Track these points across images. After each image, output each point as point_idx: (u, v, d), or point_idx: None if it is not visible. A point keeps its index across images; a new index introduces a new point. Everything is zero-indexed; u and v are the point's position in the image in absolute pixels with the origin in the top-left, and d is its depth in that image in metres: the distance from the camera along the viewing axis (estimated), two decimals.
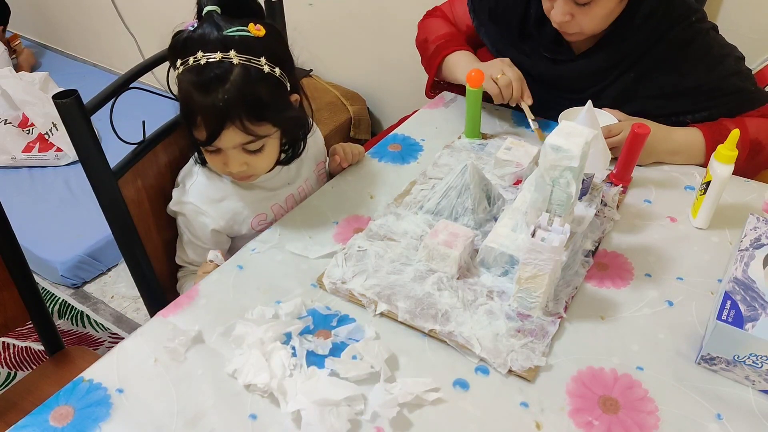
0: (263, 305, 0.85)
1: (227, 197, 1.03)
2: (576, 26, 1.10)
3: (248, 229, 1.06)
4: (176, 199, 1.04)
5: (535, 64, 1.21)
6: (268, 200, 1.07)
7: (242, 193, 1.04)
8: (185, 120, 0.94)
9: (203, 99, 0.88)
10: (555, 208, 0.83)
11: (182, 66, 0.90)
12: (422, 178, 1.10)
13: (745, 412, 0.73)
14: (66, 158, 2.28)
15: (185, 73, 0.90)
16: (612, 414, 0.73)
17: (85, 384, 0.77)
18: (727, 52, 1.14)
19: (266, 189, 1.06)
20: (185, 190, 1.04)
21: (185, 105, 0.92)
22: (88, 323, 1.83)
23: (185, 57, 0.89)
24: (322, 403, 0.72)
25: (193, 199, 1.02)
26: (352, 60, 2.21)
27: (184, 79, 0.90)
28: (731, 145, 0.93)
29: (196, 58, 0.88)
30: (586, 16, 1.07)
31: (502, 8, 1.25)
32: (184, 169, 1.07)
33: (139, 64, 1.00)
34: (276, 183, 1.07)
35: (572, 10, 1.07)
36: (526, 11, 1.21)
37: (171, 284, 1.11)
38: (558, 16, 1.08)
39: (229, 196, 1.04)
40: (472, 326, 0.82)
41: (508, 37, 1.23)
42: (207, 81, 0.87)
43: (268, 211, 1.07)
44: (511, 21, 1.23)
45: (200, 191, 1.03)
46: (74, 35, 3.11)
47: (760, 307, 0.75)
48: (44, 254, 1.91)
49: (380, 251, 0.93)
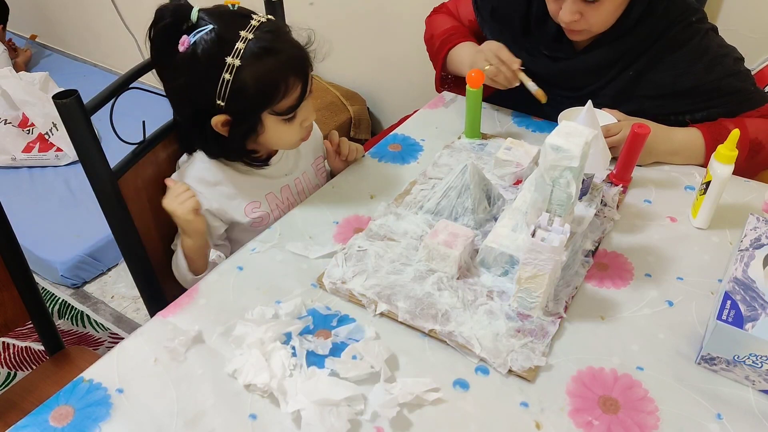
0: (263, 305, 0.85)
1: (222, 182, 1.05)
2: (584, 24, 1.10)
3: (242, 215, 1.06)
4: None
5: (535, 62, 1.21)
6: (264, 188, 1.08)
7: (238, 179, 1.06)
8: (264, 102, 0.93)
9: (285, 57, 0.92)
10: (555, 208, 0.83)
11: (239, 54, 0.89)
12: (422, 178, 1.10)
13: (745, 412, 0.73)
14: (66, 158, 2.28)
15: (249, 54, 0.89)
16: (612, 414, 0.73)
17: (85, 384, 0.77)
18: (726, 52, 1.14)
19: (263, 177, 1.08)
20: (183, 173, 1.05)
21: (266, 81, 0.91)
22: (88, 323, 1.83)
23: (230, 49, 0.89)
24: (322, 403, 0.72)
25: (189, 180, 1.03)
26: (352, 60, 2.21)
27: (253, 58, 0.89)
28: (731, 145, 0.93)
29: (249, 31, 0.89)
30: (595, 12, 1.08)
31: (504, 6, 1.25)
32: (178, 162, 1.08)
33: (139, 64, 1.00)
34: (273, 172, 1.09)
35: (581, 9, 1.08)
36: (528, 9, 1.21)
37: (171, 284, 1.11)
38: (567, 15, 1.09)
39: (224, 181, 1.05)
40: (472, 326, 0.82)
41: (510, 34, 1.24)
42: (279, 39, 0.92)
43: (263, 200, 1.08)
44: (513, 19, 1.24)
45: (196, 174, 1.04)
46: (74, 35, 3.11)
47: (760, 307, 0.75)
48: (44, 254, 1.91)
49: (380, 251, 0.93)
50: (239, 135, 0.98)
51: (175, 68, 0.93)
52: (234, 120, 0.95)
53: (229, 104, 0.93)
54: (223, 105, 0.93)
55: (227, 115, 0.94)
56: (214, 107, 0.93)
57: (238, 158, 1.04)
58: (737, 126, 1.05)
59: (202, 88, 0.92)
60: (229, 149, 1.02)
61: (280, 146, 1.05)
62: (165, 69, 0.96)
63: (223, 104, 0.93)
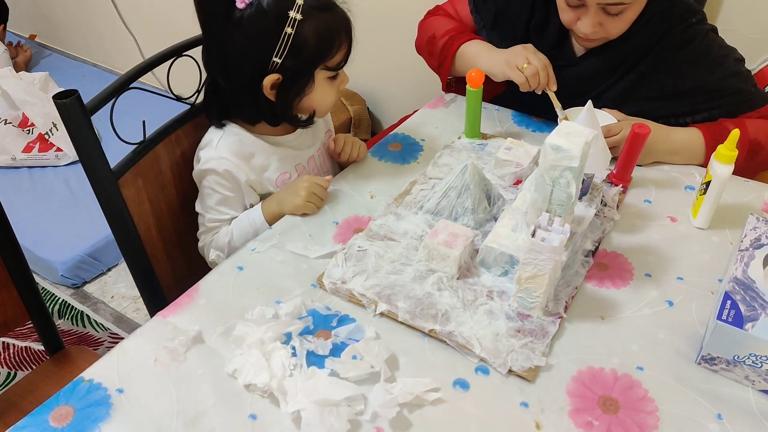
0: (263, 305, 0.85)
1: (256, 154, 1.06)
2: (603, 33, 1.10)
3: (274, 186, 1.09)
4: (206, 157, 1.04)
5: None
6: (294, 159, 1.11)
7: (269, 150, 1.08)
8: (321, 56, 0.98)
9: (338, 14, 0.98)
10: (555, 208, 0.83)
11: (299, 9, 0.92)
12: (422, 178, 1.10)
13: (745, 412, 0.73)
14: (66, 158, 2.28)
15: (309, 8, 0.93)
16: (612, 414, 0.73)
17: (85, 384, 0.77)
18: (726, 53, 1.14)
19: (291, 148, 1.10)
20: (215, 147, 1.04)
21: (325, 35, 0.96)
22: (88, 323, 1.83)
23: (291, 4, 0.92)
24: (322, 403, 0.72)
25: (226, 154, 1.04)
26: (352, 60, 2.21)
27: (313, 12, 0.94)
28: (731, 145, 0.93)
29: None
30: (616, 23, 1.08)
31: (507, 12, 1.24)
32: (205, 138, 1.08)
33: (140, 64, 1.00)
34: (299, 144, 1.12)
35: (602, 20, 1.08)
36: (531, 16, 1.21)
37: (171, 284, 1.11)
38: (588, 27, 1.08)
39: (258, 152, 1.07)
40: (472, 326, 0.82)
41: (511, 41, 1.23)
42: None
43: (292, 171, 1.11)
44: (516, 26, 1.23)
45: (230, 147, 1.04)
46: (75, 35, 3.11)
47: (760, 307, 0.75)
48: (44, 254, 1.91)
49: (380, 251, 0.93)
50: (288, 95, 1.00)
51: (233, 29, 0.94)
52: (286, 78, 0.98)
53: (286, 61, 0.95)
54: (279, 62, 0.95)
55: (279, 74, 0.97)
56: (269, 67, 0.96)
57: (284, 120, 1.05)
58: (737, 126, 1.05)
59: (262, 46, 0.95)
60: (275, 112, 1.03)
61: (320, 107, 1.06)
62: (219, 33, 0.96)
63: (279, 61, 0.95)
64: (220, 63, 0.99)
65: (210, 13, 0.95)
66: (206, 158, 1.05)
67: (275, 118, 1.05)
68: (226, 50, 0.97)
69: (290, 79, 0.98)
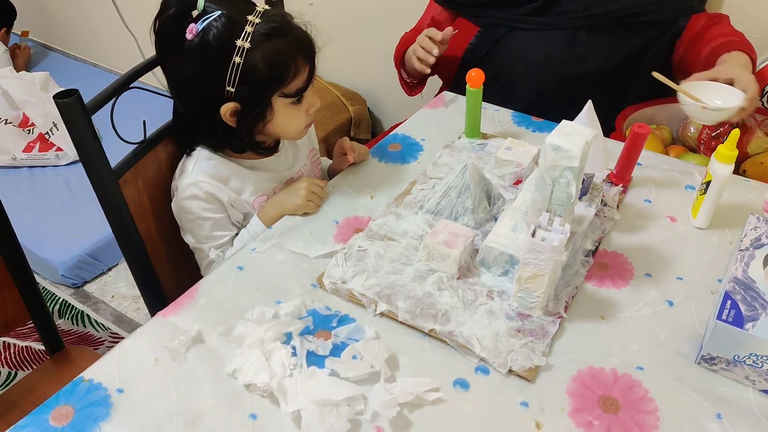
0: (263, 305, 0.85)
1: (232, 176, 1.05)
2: None
3: (252, 208, 1.07)
4: (184, 185, 1.03)
5: None
6: (271, 182, 1.09)
7: (245, 173, 1.06)
8: (275, 83, 0.95)
9: (293, 38, 0.94)
10: (555, 207, 0.83)
11: (249, 37, 0.91)
12: (422, 178, 1.10)
13: (745, 412, 0.73)
14: (66, 158, 2.28)
15: (259, 35, 0.91)
16: (612, 414, 0.73)
17: (85, 384, 0.77)
18: None
19: (268, 171, 1.09)
20: (190, 173, 1.03)
21: (277, 61, 0.93)
22: (88, 323, 1.83)
23: (239, 32, 0.90)
24: (322, 403, 0.72)
25: (202, 177, 1.02)
26: (352, 60, 2.21)
27: (263, 39, 0.91)
28: (731, 144, 0.93)
29: (256, 16, 0.91)
30: None
31: None
32: (178, 169, 1.07)
33: (140, 64, 1.00)
34: (277, 166, 1.10)
35: None
36: None
37: (171, 284, 1.11)
38: None
39: (234, 175, 1.05)
40: (472, 326, 0.82)
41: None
42: (286, 22, 0.94)
43: (270, 193, 1.09)
44: None
45: (206, 170, 1.03)
46: (75, 35, 3.11)
47: (760, 307, 0.75)
48: (45, 254, 1.91)
49: (380, 251, 0.93)
50: (248, 122, 0.99)
51: (183, 58, 0.93)
52: (243, 107, 0.96)
53: (240, 89, 0.94)
54: (233, 91, 0.94)
55: (236, 102, 0.95)
56: (223, 95, 0.94)
57: (246, 148, 1.04)
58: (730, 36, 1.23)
59: (212, 75, 0.93)
60: (237, 139, 1.02)
61: (286, 133, 1.05)
62: (171, 60, 0.96)
63: (233, 90, 0.93)
64: (174, 88, 1.00)
65: (162, 40, 0.95)
66: (184, 186, 1.03)
67: (239, 146, 1.04)
68: (178, 78, 0.97)
69: (247, 107, 0.96)
